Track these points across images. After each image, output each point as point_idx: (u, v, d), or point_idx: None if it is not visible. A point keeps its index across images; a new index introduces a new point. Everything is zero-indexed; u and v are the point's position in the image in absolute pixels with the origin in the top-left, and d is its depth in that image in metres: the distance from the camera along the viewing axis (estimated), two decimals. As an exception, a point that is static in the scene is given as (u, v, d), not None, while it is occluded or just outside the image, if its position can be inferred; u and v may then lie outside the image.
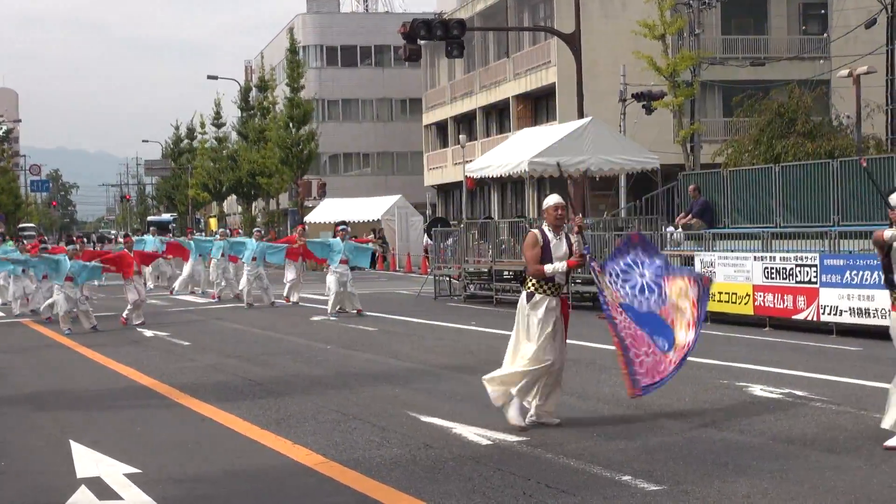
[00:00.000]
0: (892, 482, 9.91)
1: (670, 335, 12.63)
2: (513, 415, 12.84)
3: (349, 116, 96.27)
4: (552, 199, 12.96)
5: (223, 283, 38.03)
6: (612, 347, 13.34)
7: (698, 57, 44.99)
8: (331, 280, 30.70)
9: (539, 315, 12.75)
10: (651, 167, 34.95)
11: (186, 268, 41.24)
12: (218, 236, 40.45)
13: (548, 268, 12.73)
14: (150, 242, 44.87)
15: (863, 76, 42.09)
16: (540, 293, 12.81)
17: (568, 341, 12.26)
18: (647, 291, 12.87)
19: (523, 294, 12.94)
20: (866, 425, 12.58)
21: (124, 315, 28.88)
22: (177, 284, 41.39)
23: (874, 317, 21.79)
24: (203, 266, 40.96)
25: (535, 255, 12.79)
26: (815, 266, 23.23)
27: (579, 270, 17.77)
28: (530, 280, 12.89)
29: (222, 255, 37.88)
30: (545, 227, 12.90)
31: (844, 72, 44.00)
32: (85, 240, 38.39)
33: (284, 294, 35.36)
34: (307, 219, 66.73)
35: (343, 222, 36.50)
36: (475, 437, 12.22)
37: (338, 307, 30.52)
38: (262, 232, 40.39)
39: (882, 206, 25.52)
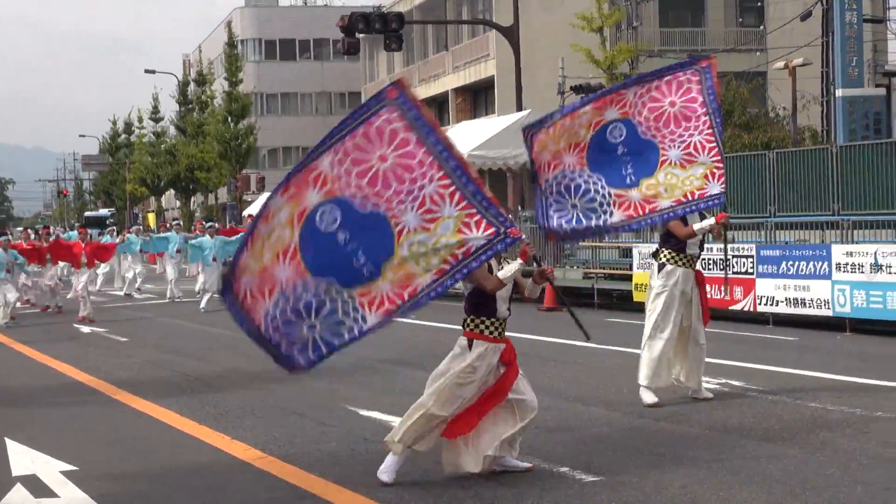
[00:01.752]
0: (826, 470, 10.00)
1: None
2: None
3: (288, 110, 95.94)
4: None
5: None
6: (554, 339, 13.43)
7: (636, 49, 45.22)
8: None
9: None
10: (589, 159, 34.99)
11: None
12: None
13: None
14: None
15: (798, 68, 42.39)
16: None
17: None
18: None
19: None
20: (801, 414, 12.69)
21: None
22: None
23: (810, 307, 21.98)
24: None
25: None
26: (752, 257, 23.40)
27: None
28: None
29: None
30: None
31: (780, 64, 44.30)
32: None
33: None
34: (246, 213, 66.49)
35: (209, 219, 36.49)
36: (414, 430, 12.21)
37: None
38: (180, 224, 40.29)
39: (815, 198, 25.79)
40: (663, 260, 13.46)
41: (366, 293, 9.08)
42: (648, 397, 13.37)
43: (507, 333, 10.11)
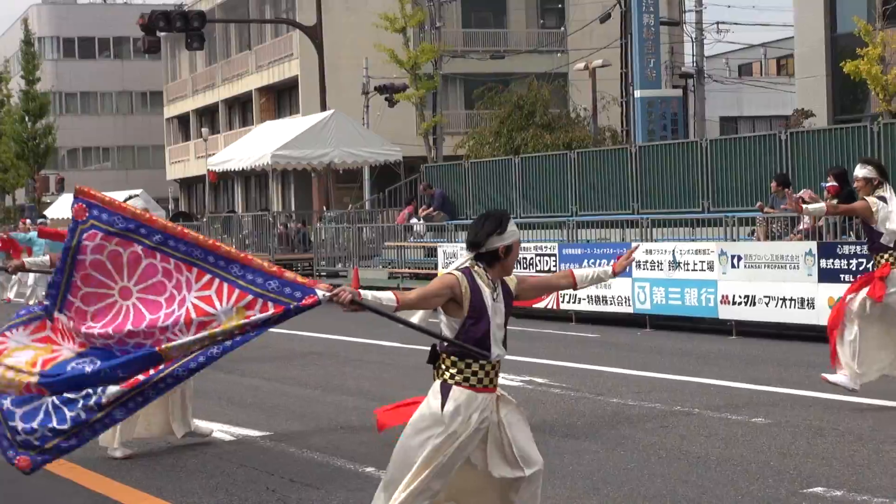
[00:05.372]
0: (626, 464, 10.17)
1: None
2: None
3: (88, 109, 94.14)
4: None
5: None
6: (356, 339, 13.39)
7: (439, 50, 45.39)
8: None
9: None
10: (394, 159, 35.24)
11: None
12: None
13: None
14: None
15: (598, 69, 43.08)
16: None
17: (310, 333, 11.50)
18: None
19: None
20: (603, 410, 12.89)
21: None
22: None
23: (610, 304, 22.35)
24: None
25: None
26: (555, 255, 23.70)
27: None
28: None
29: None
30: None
31: (581, 65, 44.98)
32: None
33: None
34: (46, 215, 65.12)
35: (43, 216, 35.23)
36: (218, 433, 12.06)
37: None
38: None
39: (615, 197, 26.29)
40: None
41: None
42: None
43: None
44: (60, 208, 64.51)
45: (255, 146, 36.17)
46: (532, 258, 24.05)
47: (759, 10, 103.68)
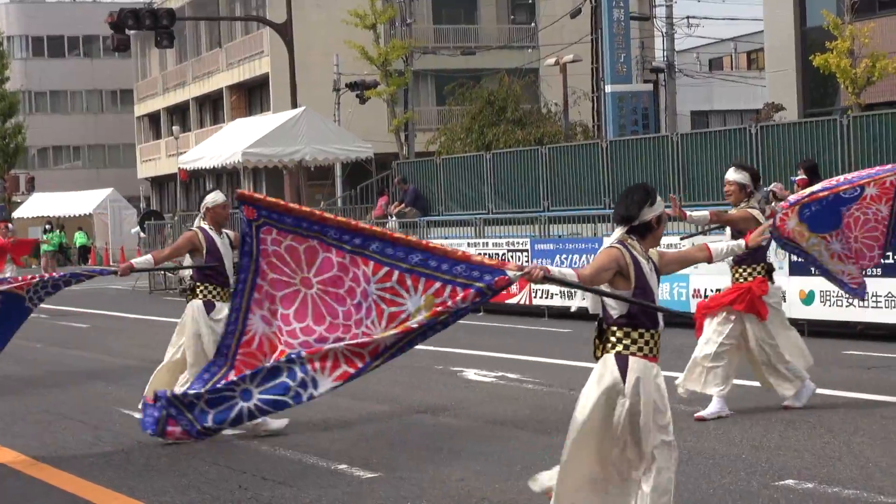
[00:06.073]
0: (600, 459, 10.17)
1: None
2: None
3: (58, 108, 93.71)
4: None
5: None
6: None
7: (410, 46, 45.37)
8: None
9: None
10: (365, 156, 35.21)
11: None
12: None
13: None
14: None
15: (569, 64, 43.14)
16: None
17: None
18: None
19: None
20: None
21: None
22: None
23: (582, 299, 22.36)
24: None
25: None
26: (527, 251, 23.72)
27: None
28: None
29: None
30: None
31: (552, 60, 45.03)
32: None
33: None
34: (15, 215, 64.85)
35: None
36: (190, 431, 12.04)
37: None
38: None
39: (587, 192, 26.31)
40: None
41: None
42: None
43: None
44: (30, 208, 64.26)
45: (227, 144, 36.07)
46: (504, 254, 24.06)
47: (728, 4, 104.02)
